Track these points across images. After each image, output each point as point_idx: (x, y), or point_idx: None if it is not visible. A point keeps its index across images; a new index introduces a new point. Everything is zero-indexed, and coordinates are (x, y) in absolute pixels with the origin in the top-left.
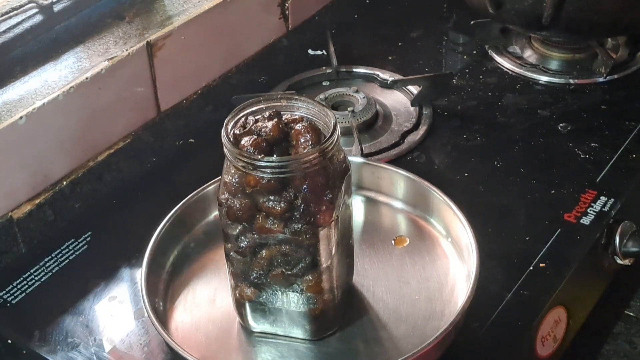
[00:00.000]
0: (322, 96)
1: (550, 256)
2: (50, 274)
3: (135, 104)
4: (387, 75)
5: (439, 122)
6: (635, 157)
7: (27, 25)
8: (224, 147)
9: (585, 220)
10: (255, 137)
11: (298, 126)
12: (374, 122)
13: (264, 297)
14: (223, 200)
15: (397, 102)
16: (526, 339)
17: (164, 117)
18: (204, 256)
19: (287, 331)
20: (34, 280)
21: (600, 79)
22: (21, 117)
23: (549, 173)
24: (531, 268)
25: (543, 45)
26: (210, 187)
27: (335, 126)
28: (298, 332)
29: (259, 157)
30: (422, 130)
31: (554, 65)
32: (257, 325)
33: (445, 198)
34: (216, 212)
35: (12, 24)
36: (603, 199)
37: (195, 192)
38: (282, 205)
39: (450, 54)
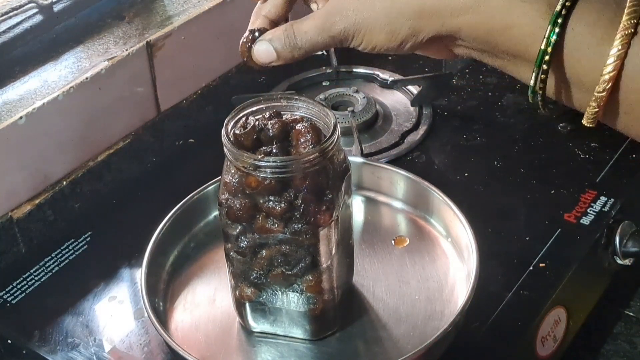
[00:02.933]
0: (322, 96)
1: (550, 256)
2: (50, 274)
3: (135, 104)
4: (387, 75)
5: (439, 122)
6: (635, 157)
7: (27, 25)
8: (224, 147)
9: (585, 220)
10: (255, 136)
11: (298, 126)
12: (374, 122)
13: (264, 297)
14: (223, 201)
15: (397, 102)
16: (526, 339)
17: (164, 117)
18: (204, 256)
19: (287, 331)
20: (34, 280)
21: None
22: (21, 117)
23: (549, 173)
24: (531, 268)
25: None
26: (210, 187)
27: (335, 126)
28: (298, 332)
29: (260, 157)
30: (422, 130)
31: None
32: (257, 325)
33: (445, 198)
34: (216, 212)
35: (12, 24)
36: (603, 199)
37: (195, 192)
38: (282, 205)
39: None
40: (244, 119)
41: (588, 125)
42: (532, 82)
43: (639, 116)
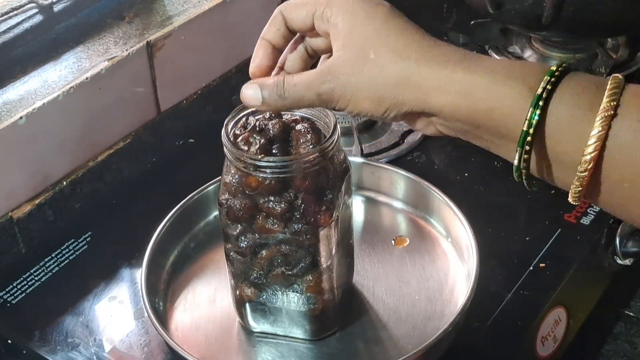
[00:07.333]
0: None
1: (550, 256)
2: (50, 274)
3: (135, 104)
4: None
5: None
6: None
7: (27, 25)
8: (224, 147)
9: (585, 220)
10: (255, 136)
11: (298, 126)
12: (374, 122)
13: (264, 297)
14: (223, 201)
15: None
16: (526, 339)
17: (164, 117)
18: (204, 256)
19: (287, 331)
20: (34, 280)
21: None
22: (21, 117)
23: None
24: (531, 268)
25: (543, 45)
26: (210, 187)
27: (335, 126)
28: (298, 332)
29: (260, 157)
30: None
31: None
32: (257, 325)
33: (445, 198)
34: (216, 212)
35: (12, 24)
36: None
37: (195, 192)
38: (283, 205)
39: None
40: (244, 119)
41: (574, 202)
42: (515, 161)
43: (622, 195)
